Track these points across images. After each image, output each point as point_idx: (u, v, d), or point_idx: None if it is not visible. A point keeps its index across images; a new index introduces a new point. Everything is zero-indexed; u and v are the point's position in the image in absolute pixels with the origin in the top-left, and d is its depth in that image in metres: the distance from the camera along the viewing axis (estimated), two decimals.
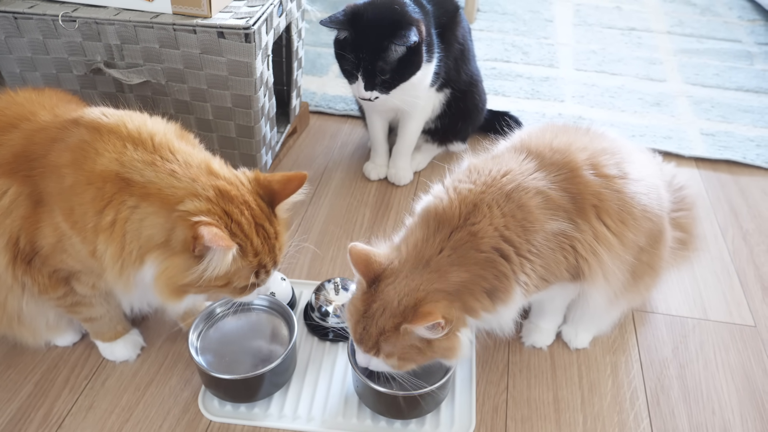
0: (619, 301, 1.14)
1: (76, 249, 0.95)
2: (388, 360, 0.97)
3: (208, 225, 0.86)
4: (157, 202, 0.89)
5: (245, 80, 1.39)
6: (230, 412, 1.12)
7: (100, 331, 1.18)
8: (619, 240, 1.02)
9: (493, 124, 1.86)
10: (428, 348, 0.95)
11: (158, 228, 0.89)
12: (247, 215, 0.92)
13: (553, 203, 0.99)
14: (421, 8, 1.45)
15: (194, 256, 0.88)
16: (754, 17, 2.76)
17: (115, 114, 0.97)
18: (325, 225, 1.56)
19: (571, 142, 1.06)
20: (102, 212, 0.90)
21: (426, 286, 0.93)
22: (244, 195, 0.94)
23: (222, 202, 0.91)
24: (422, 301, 0.92)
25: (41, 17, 1.34)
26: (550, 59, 2.38)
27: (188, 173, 0.91)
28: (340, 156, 1.83)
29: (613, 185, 1.02)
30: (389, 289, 0.95)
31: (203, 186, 0.90)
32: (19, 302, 1.06)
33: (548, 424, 1.12)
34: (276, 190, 0.97)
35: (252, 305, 1.20)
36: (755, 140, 1.92)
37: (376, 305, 0.95)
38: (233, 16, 1.34)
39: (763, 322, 1.33)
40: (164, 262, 0.89)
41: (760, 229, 1.59)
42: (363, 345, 0.98)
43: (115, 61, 1.41)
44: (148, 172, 0.90)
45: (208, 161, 0.96)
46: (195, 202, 0.88)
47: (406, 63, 1.39)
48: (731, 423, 1.13)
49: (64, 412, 1.12)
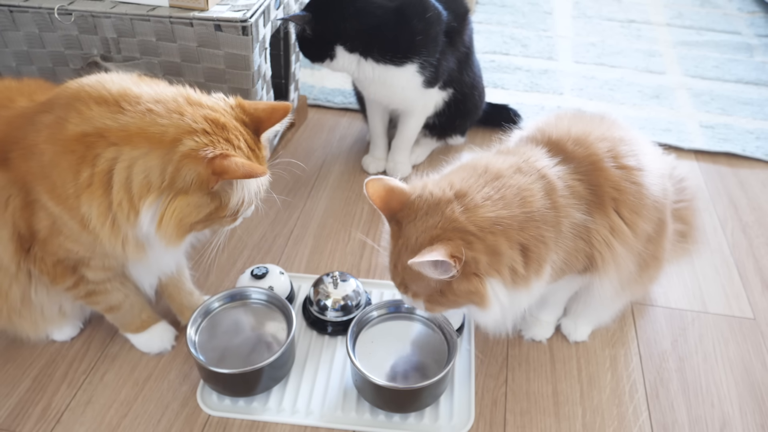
0: (625, 292, 1.14)
1: (69, 227, 0.94)
2: (416, 300, 0.96)
3: (227, 157, 0.84)
4: (143, 144, 0.85)
5: (243, 73, 1.38)
6: (229, 406, 1.12)
7: (126, 322, 1.17)
8: (633, 231, 1.01)
9: (492, 117, 1.86)
10: (449, 291, 0.91)
11: (153, 170, 0.86)
12: (242, 141, 0.91)
13: (576, 193, 0.97)
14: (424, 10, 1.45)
15: (209, 192, 0.87)
16: (753, 9, 2.75)
17: (77, 81, 0.94)
18: (323, 218, 1.56)
19: (589, 131, 1.04)
20: (78, 173, 0.87)
21: (444, 224, 0.89)
22: (233, 121, 0.92)
23: (220, 132, 0.89)
24: (435, 239, 0.88)
25: (37, 10, 1.33)
26: (549, 52, 2.37)
27: (169, 108, 0.88)
28: (339, 149, 1.82)
29: (632, 177, 1.01)
30: (410, 227, 0.92)
31: (193, 118, 0.88)
32: (25, 292, 1.06)
33: (547, 418, 1.12)
34: (262, 118, 0.96)
35: (251, 299, 1.19)
36: (755, 132, 1.92)
37: (401, 241, 0.93)
38: (230, 8, 1.33)
39: (762, 314, 1.33)
40: (171, 204, 0.87)
41: (759, 221, 1.59)
42: (394, 282, 0.98)
43: (111, 55, 1.40)
44: (121, 117, 0.86)
45: (183, 92, 0.93)
46: (195, 138, 0.86)
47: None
48: (730, 415, 1.13)
49: (62, 407, 1.12)
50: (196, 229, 0.93)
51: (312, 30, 1.41)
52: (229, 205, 0.92)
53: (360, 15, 1.39)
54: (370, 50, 1.42)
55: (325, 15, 1.39)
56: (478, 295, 0.91)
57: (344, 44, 1.42)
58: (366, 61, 1.44)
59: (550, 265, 0.96)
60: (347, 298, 1.23)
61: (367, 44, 1.42)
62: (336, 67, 1.46)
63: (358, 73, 1.47)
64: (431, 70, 1.47)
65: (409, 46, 1.42)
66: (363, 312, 1.15)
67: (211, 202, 0.90)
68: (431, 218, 0.90)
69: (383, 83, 1.48)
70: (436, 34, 1.45)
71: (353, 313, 1.22)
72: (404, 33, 1.41)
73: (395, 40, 1.41)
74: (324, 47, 1.43)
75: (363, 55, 1.43)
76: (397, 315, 1.17)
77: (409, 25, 1.41)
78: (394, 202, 0.94)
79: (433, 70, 1.48)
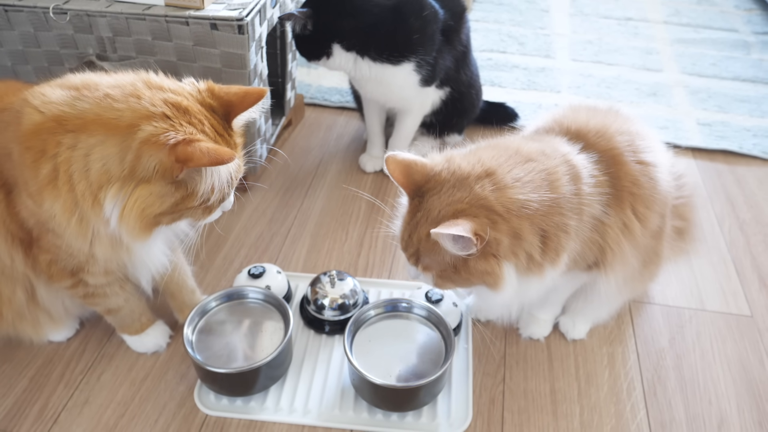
0: (627, 289, 1.14)
1: (56, 224, 0.91)
2: (427, 273, 0.94)
3: (191, 143, 0.79)
4: (100, 130, 0.81)
5: (239, 72, 1.38)
6: (226, 405, 1.11)
7: (125, 324, 1.17)
8: (644, 227, 1.01)
9: (489, 115, 1.86)
10: (464, 268, 0.89)
11: (111, 159, 0.81)
12: (208, 126, 0.87)
13: (598, 184, 0.97)
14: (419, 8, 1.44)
15: (173, 181, 0.83)
16: (750, 7, 2.75)
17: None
18: (320, 217, 1.56)
19: (608, 123, 1.04)
20: (39, 168, 0.83)
21: (472, 200, 0.87)
22: (197, 105, 0.88)
23: (182, 116, 0.84)
24: (459, 213, 0.87)
25: (32, 9, 1.33)
26: (546, 50, 2.37)
27: (126, 92, 0.84)
28: (336, 148, 1.82)
29: (648, 173, 1.01)
30: (434, 199, 0.90)
31: (152, 102, 0.83)
32: (32, 294, 1.06)
33: (545, 416, 1.12)
34: (234, 102, 0.91)
35: (248, 298, 1.19)
36: (752, 130, 1.92)
37: (420, 214, 0.91)
38: (226, 7, 1.32)
39: (759, 312, 1.33)
40: (133, 194, 0.83)
41: (756, 219, 1.59)
42: (406, 252, 0.95)
43: (107, 54, 1.39)
44: (79, 104, 0.82)
45: (144, 76, 0.88)
46: (153, 123, 0.81)
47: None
48: (728, 413, 1.14)
49: (59, 407, 1.11)
50: (163, 221, 0.88)
51: (313, 26, 1.41)
52: (197, 194, 0.86)
53: (357, 13, 1.39)
54: (367, 49, 1.42)
55: (324, 12, 1.39)
56: (493, 276, 0.89)
57: (341, 42, 1.42)
58: (363, 59, 1.44)
59: (568, 254, 0.94)
60: (344, 297, 1.22)
61: (363, 42, 1.41)
62: (333, 65, 1.46)
63: (354, 71, 1.47)
64: (428, 69, 1.47)
65: (406, 44, 1.42)
66: (360, 311, 1.15)
67: (176, 191, 0.85)
68: (458, 192, 0.89)
69: (380, 82, 1.48)
70: (432, 32, 1.45)
71: (350, 312, 1.22)
72: (401, 31, 1.41)
73: (392, 38, 1.41)
74: (321, 45, 1.43)
75: (360, 53, 1.43)
76: (394, 314, 1.17)
77: (406, 23, 1.41)
78: (417, 176, 0.92)
79: (430, 68, 1.48)
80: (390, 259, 1.43)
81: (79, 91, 0.85)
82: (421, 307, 1.16)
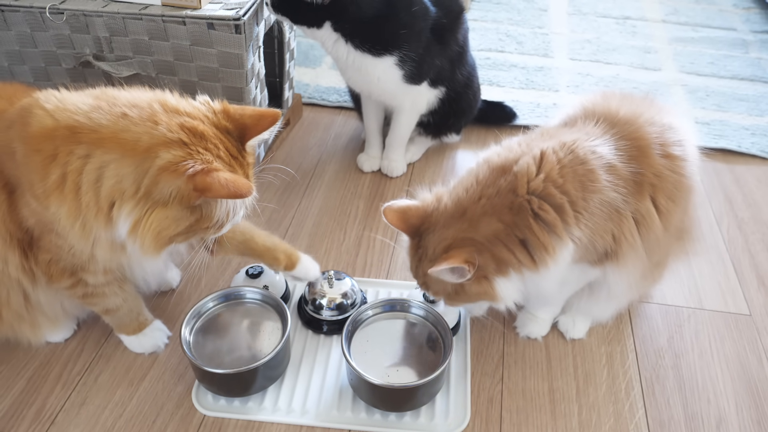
0: (638, 286, 1.14)
1: (60, 227, 0.92)
2: (437, 297, 1.04)
3: (210, 173, 0.81)
4: (116, 149, 0.82)
5: (236, 72, 1.38)
6: (224, 406, 1.11)
7: (122, 324, 1.17)
8: (663, 220, 1.01)
9: (488, 114, 1.85)
10: (462, 291, 0.99)
11: (126, 178, 0.83)
12: (223, 150, 0.88)
13: (616, 173, 0.97)
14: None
15: (190, 206, 0.84)
16: (749, 5, 2.75)
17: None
18: (318, 217, 1.55)
19: (638, 113, 1.04)
20: (47, 173, 0.84)
21: (456, 235, 0.96)
22: (213, 129, 0.89)
23: (198, 142, 0.85)
24: (449, 248, 0.95)
25: (28, 9, 1.33)
26: (544, 49, 2.37)
27: (142, 114, 0.85)
28: (334, 148, 1.82)
29: (675, 167, 1.01)
30: (429, 237, 0.98)
31: (169, 128, 0.84)
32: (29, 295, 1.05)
33: (543, 415, 1.12)
34: (248, 125, 0.93)
35: (245, 299, 1.19)
36: (750, 129, 1.92)
37: (420, 251, 1.00)
38: (223, 7, 1.32)
39: (758, 311, 1.33)
40: (150, 216, 0.84)
41: (755, 217, 1.59)
42: (417, 281, 1.06)
43: (104, 54, 1.39)
44: (95, 117, 0.83)
45: (160, 97, 0.90)
46: (171, 150, 0.82)
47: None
48: (726, 412, 1.13)
49: (56, 408, 1.11)
50: (176, 241, 0.90)
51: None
52: (212, 218, 0.89)
53: (363, 3, 1.37)
54: (353, 35, 1.40)
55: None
56: (489, 294, 0.98)
57: (335, 22, 1.40)
58: (345, 43, 1.42)
59: (572, 240, 0.95)
60: (343, 296, 1.22)
61: (353, 29, 1.40)
62: (315, 36, 1.43)
63: (332, 50, 1.45)
64: (411, 66, 1.45)
65: (392, 38, 1.41)
66: (358, 311, 1.14)
67: (192, 215, 0.87)
68: (446, 230, 0.97)
69: (358, 69, 1.46)
70: (420, 29, 1.44)
71: (348, 312, 1.22)
72: (390, 24, 1.40)
73: (380, 30, 1.40)
74: (316, 17, 1.40)
75: (344, 36, 1.41)
76: (392, 314, 1.17)
77: (397, 17, 1.40)
78: (413, 219, 1.00)
79: (414, 65, 1.46)
80: (388, 259, 1.43)
81: (96, 103, 0.86)
82: (419, 306, 1.16)
